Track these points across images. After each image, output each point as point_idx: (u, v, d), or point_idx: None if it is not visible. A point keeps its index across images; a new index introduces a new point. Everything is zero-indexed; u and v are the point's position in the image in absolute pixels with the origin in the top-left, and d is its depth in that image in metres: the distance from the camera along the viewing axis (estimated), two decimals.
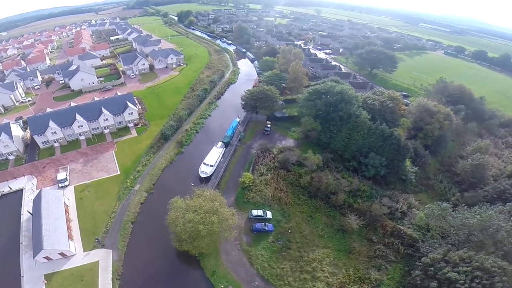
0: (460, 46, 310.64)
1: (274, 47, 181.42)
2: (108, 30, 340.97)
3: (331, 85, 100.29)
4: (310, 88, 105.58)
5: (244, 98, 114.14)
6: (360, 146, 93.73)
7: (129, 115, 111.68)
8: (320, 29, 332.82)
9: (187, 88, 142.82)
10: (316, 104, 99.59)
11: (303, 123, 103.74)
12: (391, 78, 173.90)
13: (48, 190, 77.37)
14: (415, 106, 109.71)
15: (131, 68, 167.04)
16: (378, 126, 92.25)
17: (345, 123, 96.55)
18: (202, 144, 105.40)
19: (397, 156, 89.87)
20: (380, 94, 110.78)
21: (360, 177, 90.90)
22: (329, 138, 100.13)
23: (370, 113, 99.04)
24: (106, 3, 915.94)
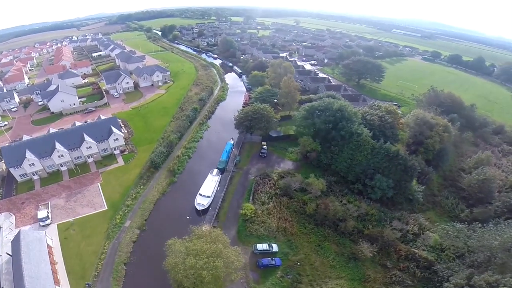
0: (436, 51, 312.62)
1: (262, 61, 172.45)
2: (90, 46, 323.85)
3: (329, 101, 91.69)
4: (306, 105, 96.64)
5: (237, 118, 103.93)
6: (364, 168, 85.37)
7: (115, 141, 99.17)
8: (303, 39, 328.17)
9: (175, 108, 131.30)
10: (314, 123, 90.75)
11: (301, 144, 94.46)
12: (379, 88, 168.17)
13: (27, 231, 64.96)
14: (412, 119, 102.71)
15: (114, 87, 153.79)
16: (382, 146, 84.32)
17: (347, 142, 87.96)
18: (196, 171, 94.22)
19: (404, 177, 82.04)
20: (377, 108, 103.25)
21: (366, 200, 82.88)
22: (330, 159, 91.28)
23: (370, 129, 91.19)
24: (88, 18, 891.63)
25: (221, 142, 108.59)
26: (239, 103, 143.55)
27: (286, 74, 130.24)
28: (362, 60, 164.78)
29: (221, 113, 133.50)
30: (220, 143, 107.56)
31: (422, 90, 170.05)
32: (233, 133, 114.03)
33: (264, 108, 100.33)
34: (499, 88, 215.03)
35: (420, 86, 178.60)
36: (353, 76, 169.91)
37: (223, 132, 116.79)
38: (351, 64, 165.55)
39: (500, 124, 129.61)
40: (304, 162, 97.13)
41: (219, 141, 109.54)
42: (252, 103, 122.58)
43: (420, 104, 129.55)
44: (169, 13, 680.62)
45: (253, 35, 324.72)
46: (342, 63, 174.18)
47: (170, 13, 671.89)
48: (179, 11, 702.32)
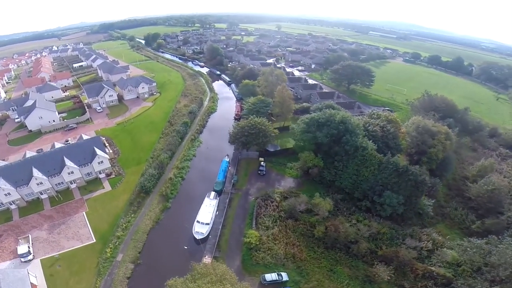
0: (416, 53, 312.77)
1: (251, 69, 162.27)
2: (70, 56, 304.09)
3: (331, 113, 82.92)
4: (305, 117, 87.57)
5: (233, 134, 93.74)
6: (372, 184, 77.20)
7: (99, 164, 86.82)
8: (287, 44, 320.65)
9: (164, 122, 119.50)
10: (316, 136, 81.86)
11: (302, 159, 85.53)
12: (370, 93, 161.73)
13: (7, 271, 55.01)
14: (413, 128, 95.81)
15: (97, 100, 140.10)
16: (390, 160, 76.44)
17: (352, 157, 79.60)
18: (191, 194, 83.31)
19: (415, 193, 74.72)
20: (377, 117, 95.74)
21: (375, 218, 75.45)
22: (334, 175, 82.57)
23: (373, 141, 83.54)
24: (69, 28, 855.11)
25: (215, 159, 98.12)
26: (231, 113, 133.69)
27: (278, 83, 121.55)
28: (351, 65, 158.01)
29: (213, 126, 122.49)
30: (214, 161, 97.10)
31: (412, 94, 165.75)
32: (227, 148, 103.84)
33: (262, 122, 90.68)
34: (480, 88, 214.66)
35: (408, 89, 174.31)
36: (343, 81, 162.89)
37: (217, 147, 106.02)
38: (341, 69, 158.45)
39: (493, 126, 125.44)
40: (305, 179, 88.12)
41: (213, 158, 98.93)
42: (245, 115, 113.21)
43: (415, 109, 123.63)
44: (152, 21, 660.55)
45: (238, 42, 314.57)
46: (331, 69, 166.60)
47: (153, 21, 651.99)
48: (163, 19, 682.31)
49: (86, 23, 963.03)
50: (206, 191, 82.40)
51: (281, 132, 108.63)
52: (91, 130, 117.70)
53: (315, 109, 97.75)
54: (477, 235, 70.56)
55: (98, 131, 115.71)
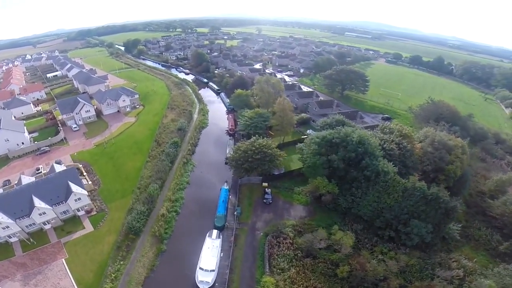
0: (397, 53, 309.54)
1: (242, 77, 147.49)
2: (45, 65, 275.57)
3: (347, 132, 69.89)
4: (315, 136, 74.16)
5: (233, 159, 78.80)
6: (396, 213, 65.02)
7: (76, 202, 70.23)
8: (271, 48, 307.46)
9: (150, 142, 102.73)
10: (330, 160, 69.20)
11: (312, 184, 72.99)
12: (365, 98, 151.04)
13: None
14: (428, 142, 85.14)
15: (72, 117, 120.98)
16: (416, 186, 65.13)
17: (372, 183, 67.57)
18: (189, 232, 68.44)
19: (445, 220, 64.18)
20: (389, 132, 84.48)
21: (401, 247, 64.58)
22: (351, 203, 70.09)
23: (390, 161, 72.17)
24: (45, 35, 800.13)
25: (213, 185, 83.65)
26: (224, 128, 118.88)
27: (278, 93, 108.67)
28: (345, 69, 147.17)
29: (207, 144, 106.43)
30: (212, 187, 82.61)
31: (406, 99, 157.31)
32: (224, 171, 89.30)
33: (268, 145, 76.65)
34: (465, 88, 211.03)
35: (402, 93, 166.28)
36: (336, 87, 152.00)
37: (213, 170, 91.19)
38: (334, 74, 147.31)
39: (495, 131, 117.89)
40: (316, 206, 75.34)
41: (210, 184, 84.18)
42: (241, 130, 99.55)
43: (419, 117, 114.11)
44: (131, 27, 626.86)
45: (223, 46, 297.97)
46: (324, 74, 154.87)
47: (133, 27, 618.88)
48: (143, 25, 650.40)
49: (63, 30, 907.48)
50: (205, 226, 68.55)
51: (281, 149, 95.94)
52: (66, 154, 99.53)
53: (323, 125, 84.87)
54: (506, 257, 64.47)
55: (74, 156, 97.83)
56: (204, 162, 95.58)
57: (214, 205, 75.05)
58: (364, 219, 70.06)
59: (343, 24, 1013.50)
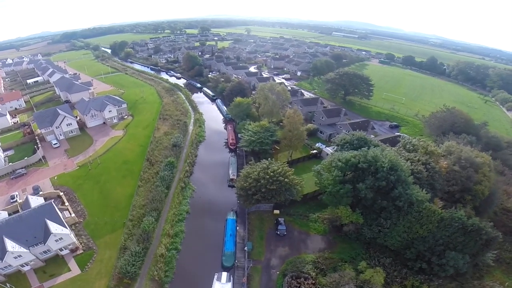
0: (390, 54, 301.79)
1: (240, 82, 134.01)
2: (26, 70, 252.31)
3: (375, 156, 57.61)
4: (337, 158, 61.68)
5: (242, 188, 65.13)
6: (430, 245, 54.48)
7: (58, 242, 56.50)
8: (264, 49, 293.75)
9: (141, 162, 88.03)
10: (357, 189, 57.16)
11: (333, 213, 61.24)
12: (369, 104, 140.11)
13: None
14: (453, 160, 73.64)
15: (52, 131, 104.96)
16: (455, 216, 54.09)
17: (404, 213, 56.43)
18: (193, 274, 55.58)
19: (483, 250, 54.35)
20: (413, 149, 72.95)
21: (431, 278, 55.13)
22: (377, 233, 58.90)
23: (418, 184, 60.91)
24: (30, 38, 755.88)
25: (217, 213, 70.60)
26: (223, 141, 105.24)
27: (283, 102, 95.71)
28: (348, 73, 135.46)
29: (206, 163, 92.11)
30: (216, 217, 69.66)
31: (410, 103, 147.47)
32: (228, 195, 76.64)
33: (284, 172, 63.54)
34: (462, 90, 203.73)
35: (404, 97, 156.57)
36: (339, 92, 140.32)
37: (215, 193, 78.01)
38: (337, 78, 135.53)
39: (508, 139, 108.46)
40: (336, 235, 63.96)
41: (214, 213, 70.99)
42: (244, 146, 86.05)
43: (432, 126, 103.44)
44: (118, 28, 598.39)
45: (214, 48, 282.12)
46: (326, 78, 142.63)
47: (120, 29, 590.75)
48: (130, 26, 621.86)
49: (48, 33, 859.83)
50: (212, 266, 56.57)
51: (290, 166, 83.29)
52: (45, 177, 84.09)
53: (342, 143, 71.94)
54: None
55: (54, 180, 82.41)
56: (205, 185, 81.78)
57: (220, 239, 62.92)
58: (391, 249, 59.24)
59: (328, 24, 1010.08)
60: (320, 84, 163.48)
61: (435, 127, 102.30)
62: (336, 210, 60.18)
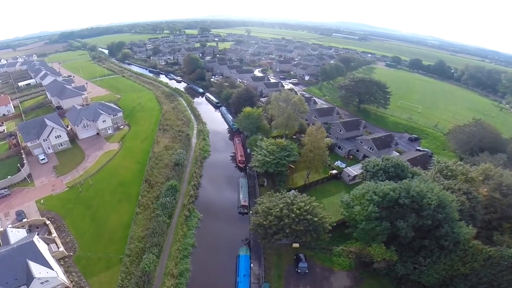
0: (396, 57, 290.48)
1: (248, 89, 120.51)
2: (19, 72, 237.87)
3: (420, 191, 46.93)
4: (372, 191, 50.31)
5: (261, 226, 53.41)
6: (472, 283, 45.83)
7: (44, 284, 46.01)
8: (267, 51, 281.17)
9: (139, 183, 75.86)
10: (395, 227, 47.10)
11: (362, 249, 51.00)
12: (386, 114, 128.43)
13: None
14: (493, 187, 62.43)
15: (39, 144, 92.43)
16: (505, 254, 44.76)
17: (447, 251, 46.95)
18: None
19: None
20: (451, 175, 61.69)
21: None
22: (412, 270, 48.82)
23: (460, 217, 50.73)
24: (27, 37, 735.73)
25: (227, 246, 59.59)
26: (230, 157, 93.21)
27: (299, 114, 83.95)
28: (364, 80, 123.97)
29: (212, 185, 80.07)
30: (226, 250, 58.61)
31: (426, 112, 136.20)
32: (239, 224, 65.60)
33: (312, 209, 51.81)
34: (474, 96, 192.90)
35: (418, 104, 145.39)
36: (353, 100, 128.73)
37: (225, 223, 66.24)
38: (352, 85, 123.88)
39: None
40: (363, 271, 53.66)
41: (223, 245, 59.89)
42: (256, 166, 74.13)
43: (458, 142, 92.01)
44: (116, 28, 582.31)
45: (216, 49, 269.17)
46: (340, 85, 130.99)
47: (118, 29, 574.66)
48: (128, 26, 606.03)
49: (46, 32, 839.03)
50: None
51: (307, 190, 71.75)
52: (30, 199, 72.30)
53: (375, 170, 60.05)
54: None
55: (40, 204, 70.39)
56: (212, 211, 70.04)
57: (232, 278, 52.70)
58: (425, 285, 49.31)
59: (327, 25, 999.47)
60: (330, 89, 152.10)
61: (462, 143, 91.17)
62: (368, 248, 49.49)
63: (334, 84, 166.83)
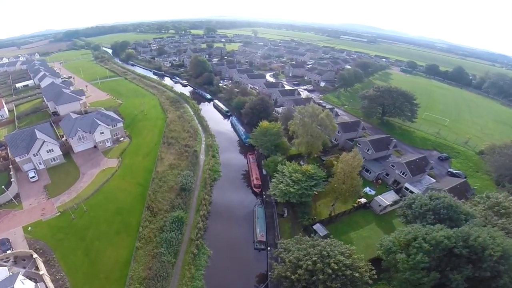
0: (411, 61, 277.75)
1: (263, 99, 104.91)
2: (19, 71, 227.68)
3: (482, 241, 36.45)
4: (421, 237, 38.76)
5: (287, 278, 41.65)
6: None
7: None
8: (278, 54, 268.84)
9: (140, 210, 64.48)
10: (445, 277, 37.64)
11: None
12: (411, 127, 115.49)
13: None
14: None
15: (29, 159, 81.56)
16: None
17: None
18: None
19: None
20: (505, 213, 50.06)
21: None
22: None
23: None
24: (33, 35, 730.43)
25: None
26: (242, 177, 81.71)
27: (330, 134, 72.40)
28: (391, 90, 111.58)
29: (223, 213, 68.28)
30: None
31: (453, 125, 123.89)
32: (256, 263, 54.16)
33: (352, 263, 40.38)
34: (497, 105, 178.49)
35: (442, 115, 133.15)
36: (377, 111, 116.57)
37: (238, 262, 54.93)
38: (378, 96, 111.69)
39: None
40: None
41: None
42: (277, 196, 62.67)
43: (498, 168, 79.02)
44: (121, 28, 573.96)
45: (223, 51, 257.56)
46: (363, 95, 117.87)
47: (123, 28, 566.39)
48: (133, 26, 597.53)
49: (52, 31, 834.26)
50: None
51: (332, 222, 60.34)
52: (17, 224, 61.84)
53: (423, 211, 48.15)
54: None
55: (27, 230, 59.80)
56: (224, 246, 58.48)
57: None
58: None
59: (333, 27, 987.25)
60: (349, 98, 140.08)
61: (503, 168, 78.47)
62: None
63: (352, 92, 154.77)
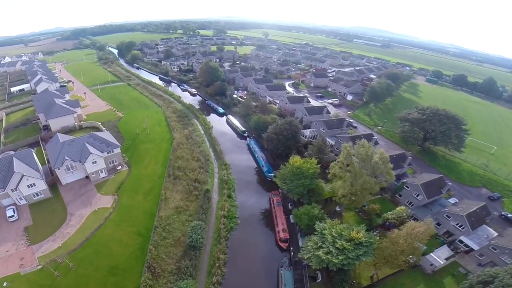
0: (437, 71, 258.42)
1: (292, 123, 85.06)
2: (18, 72, 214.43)
3: None
4: None
5: None
6: None
7: None
8: (295, 60, 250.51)
9: (139, 271, 48.50)
10: None
11: None
12: (456, 157, 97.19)
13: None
14: None
15: (7, 194, 66.27)
16: None
17: None
18: None
19: None
20: None
21: None
22: None
23: None
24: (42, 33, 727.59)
25: None
26: (263, 224, 65.49)
27: (383, 181, 55.57)
28: (439, 114, 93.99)
29: (241, 279, 51.41)
30: None
31: (500, 153, 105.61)
32: None
33: None
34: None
35: (484, 139, 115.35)
36: (418, 136, 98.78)
37: None
38: (423, 120, 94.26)
39: None
40: None
41: None
42: (311, 263, 46.32)
43: None
44: (129, 27, 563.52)
45: (235, 54, 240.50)
46: (404, 117, 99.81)
47: (131, 27, 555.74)
48: (141, 25, 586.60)
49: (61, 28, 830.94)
50: None
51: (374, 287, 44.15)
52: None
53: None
54: None
55: (3, 287, 44.99)
56: None
57: None
58: None
59: (344, 30, 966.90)
60: (380, 115, 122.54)
61: None
62: None
63: (382, 108, 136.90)
